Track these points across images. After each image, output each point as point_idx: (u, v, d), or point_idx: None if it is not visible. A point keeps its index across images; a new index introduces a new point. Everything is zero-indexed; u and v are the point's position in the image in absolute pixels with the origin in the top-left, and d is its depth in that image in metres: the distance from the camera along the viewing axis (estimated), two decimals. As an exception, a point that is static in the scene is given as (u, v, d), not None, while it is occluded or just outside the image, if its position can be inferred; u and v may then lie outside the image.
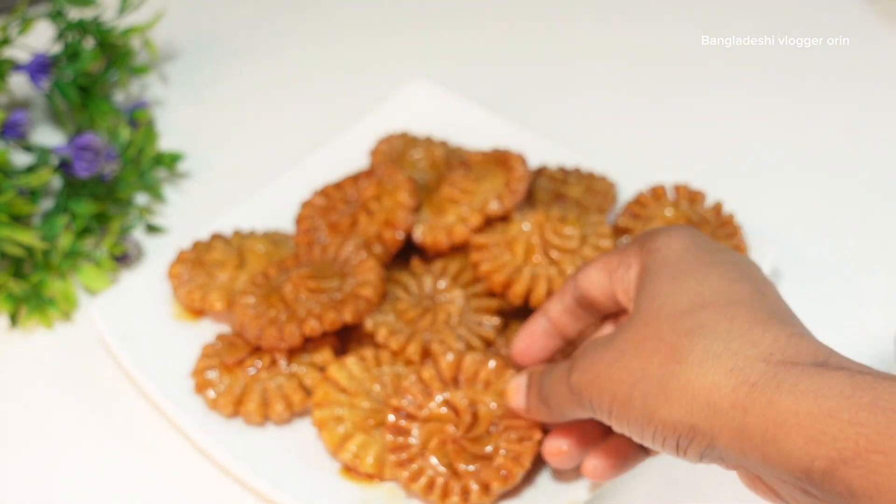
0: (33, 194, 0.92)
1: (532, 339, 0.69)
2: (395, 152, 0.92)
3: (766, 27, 1.15)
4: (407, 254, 0.86)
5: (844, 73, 1.10)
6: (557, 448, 0.66)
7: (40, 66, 1.01)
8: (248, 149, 1.05)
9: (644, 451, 0.65)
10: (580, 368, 0.57)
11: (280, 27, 1.21)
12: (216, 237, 0.87)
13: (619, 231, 0.86)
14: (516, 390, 0.67)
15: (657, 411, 0.51)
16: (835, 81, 1.09)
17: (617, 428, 0.55)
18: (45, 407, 0.82)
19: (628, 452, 0.64)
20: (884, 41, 1.13)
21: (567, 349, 0.74)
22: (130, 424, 0.81)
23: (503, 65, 1.13)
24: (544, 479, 0.72)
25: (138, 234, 0.95)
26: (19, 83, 1.09)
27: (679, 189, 0.88)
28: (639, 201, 0.87)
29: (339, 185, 0.88)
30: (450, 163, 0.91)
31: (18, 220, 0.90)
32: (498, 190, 0.84)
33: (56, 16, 1.04)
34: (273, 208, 0.92)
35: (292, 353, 0.79)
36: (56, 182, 0.96)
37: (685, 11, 1.19)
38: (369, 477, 0.73)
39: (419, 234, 0.84)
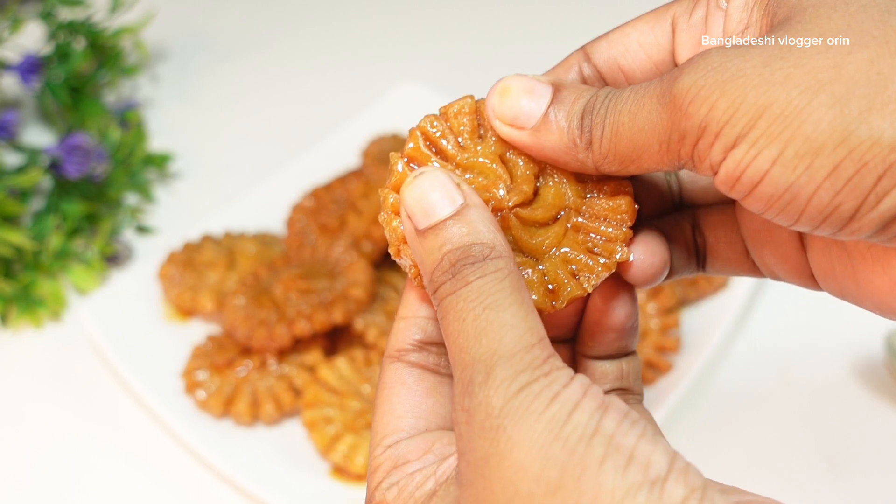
0: (23, 194, 0.92)
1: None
2: (386, 154, 0.92)
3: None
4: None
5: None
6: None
7: (31, 67, 1.01)
8: (239, 149, 1.05)
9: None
10: (698, 69, 0.36)
11: (270, 29, 1.21)
12: (206, 238, 0.88)
13: None
14: (529, 89, 0.41)
15: (864, 121, 0.33)
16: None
17: (735, 172, 0.35)
18: (34, 407, 0.82)
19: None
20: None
21: None
22: (120, 424, 0.81)
23: (492, 65, 1.14)
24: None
25: (128, 234, 0.95)
26: (9, 83, 1.09)
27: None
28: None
29: (328, 187, 0.88)
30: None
31: (8, 220, 0.90)
32: None
33: (47, 16, 1.04)
34: (263, 209, 0.92)
35: (282, 354, 0.79)
36: (46, 182, 0.96)
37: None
38: (359, 477, 0.73)
39: None
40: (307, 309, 0.78)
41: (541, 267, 0.42)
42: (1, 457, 0.79)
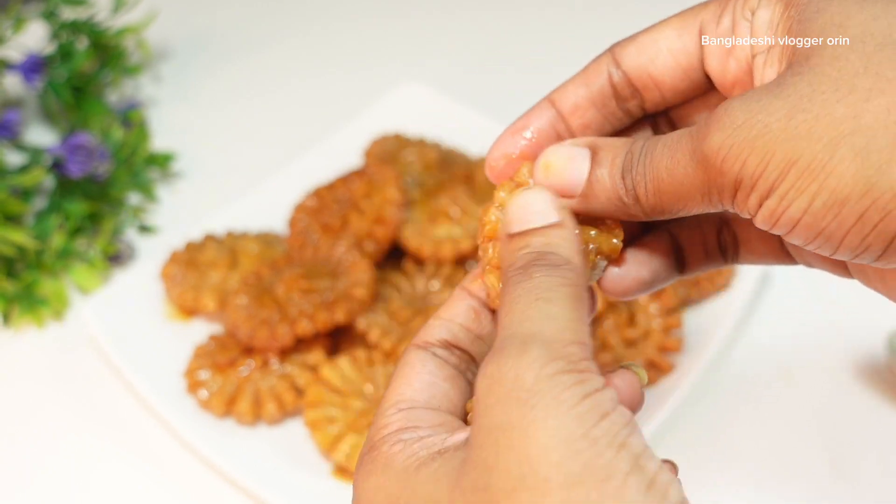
0: (26, 194, 0.92)
1: (528, 137, 0.45)
2: (388, 153, 0.92)
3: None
4: (400, 253, 0.86)
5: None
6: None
7: (33, 66, 1.01)
8: (241, 148, 1.05)
9: (675, 269, 0.48)
10: (725, 126, 0.38)
11: (273, 29, 1.21)
12: (209, 237, 0.88)
13: None
14: (569, 159, 0.43)
15: (885, 173, 0.35)
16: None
17: (770, 219, 0.38)
18: (36, 406, 0.82)
19: (658, 263, 0.47)
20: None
21: None
22: (122, 424, 0.81)
23: (494, 66, 1.14)
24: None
25: (131, 233, 0.95)
26: (12, 83, 1.09)
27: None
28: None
29: (330, 186, 0.88)
30: (448, 164, 0.91)
31: (11, 219, 0.90)
32: None
33: (49, 15, 1.04)
34: (265, 208, 0.92)
35: (284, 354, 0.79)
36: (49, 182, 0.96)
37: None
38: (361, 477, 0.73)
39: (406, 234, 0.85)
40: (309, 308, 0.78)
41: None
42: (2, 456, 0.79)
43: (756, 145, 0.37)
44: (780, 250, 0.47)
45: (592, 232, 0.44)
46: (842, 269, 0.46)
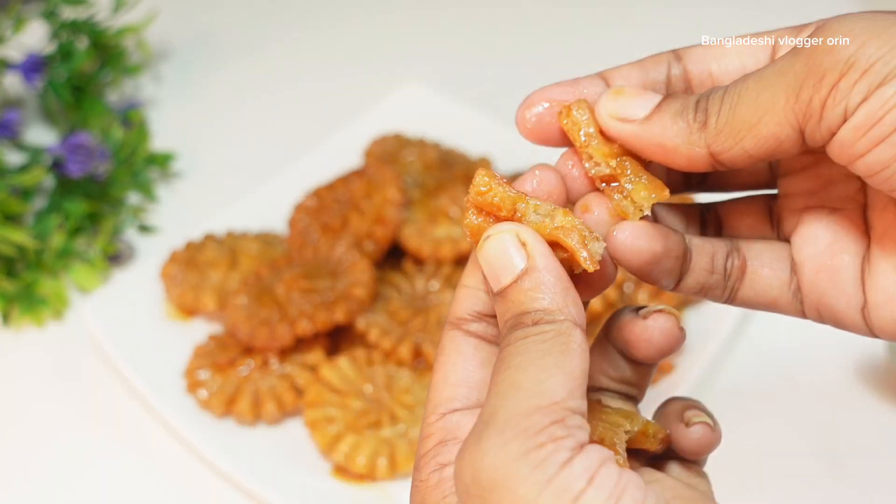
0: (26, 193, 0.92)
1: (583, 92, 0.44)
2: (388, 153, 0.92)
3: (766, 27, 1.16)
4: (399, 253, 0.86)
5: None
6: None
7: (33, 66, 1.01)
8: (242, 148, 1.05)
9: (677, 271, 0.44)
10: (845, 18, 0.36)
11: (273, 29, 1.21)
12: (209, 237, 0.88)
13: None
14: (644, 91, 0.42)
15: None
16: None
17: (875, 115, 0.35)
18: (36, 406, 0.82)
19: (675, 243, 0.43)
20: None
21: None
22: (121, 423, 0.81)
23: (495, 66, 1.14)
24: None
25: (131, 233, 0.95)
26: (12, 82, 1.09)
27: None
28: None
29: (330, 186, 0.88)
30: (448, 164, 0.91)
31: (11, 219, 0.90)
32: None
33: (49, 15, 1.04)
34: (265, 208, 0.92)
35: (284, 354, 0.79)
36: (49, 181, 0.96)
37: (684, 11, 1.19)
38: (361, 477, 0.73)
39: (406, 234, 0.85)
40: (309, 308, 0.78)
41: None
42: (2, 456, 0.79)
43: (879, 31, 0.34)
44: (786, 284, 0.45)
45: (628, 184, 0.42)
46: (863, 327, 0.44)
